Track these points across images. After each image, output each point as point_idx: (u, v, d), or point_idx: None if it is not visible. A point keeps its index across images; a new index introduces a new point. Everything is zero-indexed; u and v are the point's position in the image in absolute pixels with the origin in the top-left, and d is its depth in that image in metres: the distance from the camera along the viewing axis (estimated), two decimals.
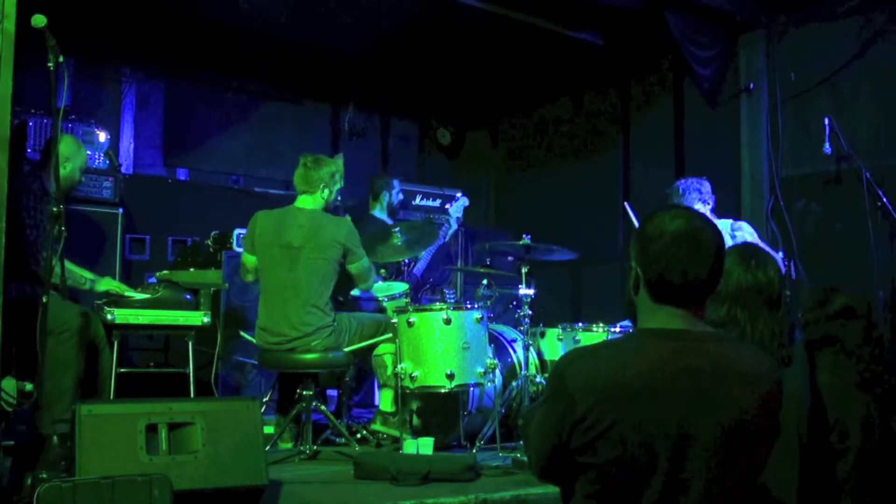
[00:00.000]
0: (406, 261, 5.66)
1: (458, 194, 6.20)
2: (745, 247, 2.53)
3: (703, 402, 1.62)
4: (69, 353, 3.68)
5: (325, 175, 4.44)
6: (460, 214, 6.00)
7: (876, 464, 2.34)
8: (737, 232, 5.09)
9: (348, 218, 4.56)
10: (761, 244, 4.67)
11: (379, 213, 6.06)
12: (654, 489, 1.59)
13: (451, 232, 5.83)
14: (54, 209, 3.17)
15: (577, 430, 1.61)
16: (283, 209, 4.50)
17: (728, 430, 1.62)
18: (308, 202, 4.45)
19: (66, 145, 4.19)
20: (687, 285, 1.69)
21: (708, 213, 5.02)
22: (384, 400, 4.68)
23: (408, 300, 5.03)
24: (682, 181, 5.30)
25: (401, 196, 6.20)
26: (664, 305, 1.71)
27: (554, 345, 4.99)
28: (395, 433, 4.49)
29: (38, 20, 3.04)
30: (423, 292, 5.87)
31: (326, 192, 4.46)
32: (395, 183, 6.14)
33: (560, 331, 4.96)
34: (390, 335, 4.47)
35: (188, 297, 4.45)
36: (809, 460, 2.25)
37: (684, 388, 1.61)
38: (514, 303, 5.42)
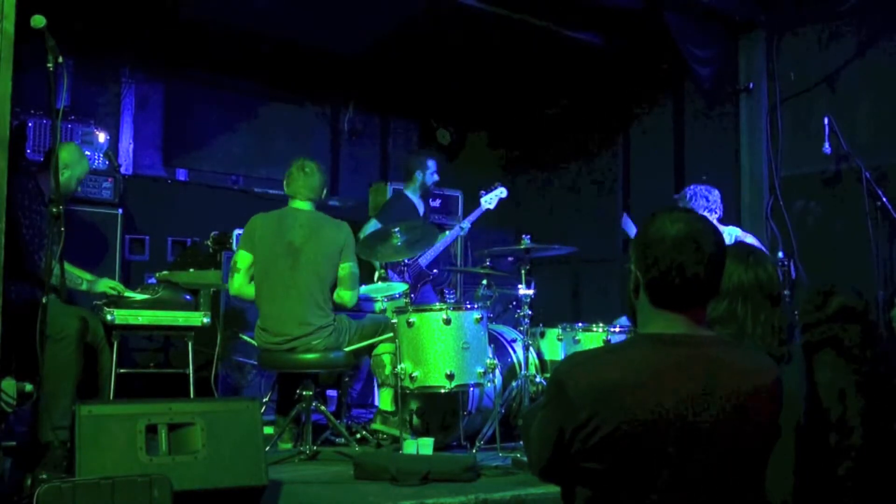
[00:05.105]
0: (406, 261, 5.66)
1: (498, 184, 6.00)
2: (739, 245, 2.53)
3: (704, 406, 1.61)
4: (68, 360, 3.66)
5: (324, 181, 4.53)
6: (492, 206, 5.90)
7: (876, 463, 2.34)
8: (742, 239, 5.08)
9: (346, 224, 4.56)
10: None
11: (411, 193, 6.10)
12: (656, 493, 1.59)
13: (475, 214, 5.84)
14: (54, 210, 3.16)
15: (578, 437, 1.60)
16: (281, 210, 4.51)
17: (730, 433, 1.62)
18: (305, 205, 4.47)
19: (68, 153, 4.18)
20: (687, 289, 1.67)
21: (713, 222, 4.97)
22: (384, 399, 4.69)
23: (408, 300, 5.04)
24: (691, 187, 5.30)
25: (436, 177, 6.14)
26: (664, 309, 1.70)
27: (554, 345, 4.98)
28: (395, 432, 4.50)
29: (38, 21, 3.04)
30: (424, 283, 5.86)
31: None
32: (430, 163, 6.10)
33: (560, 331, 4.95)
34: (391, 335, 4.48)
35: (188, 297, 4.45)
36: (806, 459, 2.25)
37: (685, 393, 1.61)
38: (514, 303, 5.42)
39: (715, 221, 5.04)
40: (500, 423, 4.43)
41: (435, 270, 5.99)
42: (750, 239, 5.18)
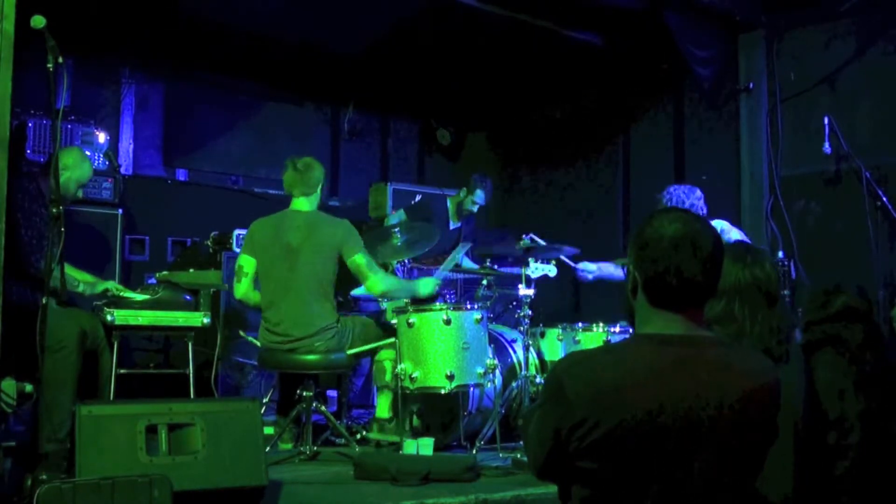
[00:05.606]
0: (407, 261, 5.65)
1: (553, 262, 5.14)
2: (737, 245, 2.52)
3: (702, 406, 1.61)
4: (66, 371, 3.64)
5: (320, 175, 4.52)
6: (534, 276, 5.06)
7: (874, 463, 2.34)
8: (725, 235, 5.04)
9: (345, 221, 4.55)
10: None
11: (450, 203, 6.27)
12: (652, 493, 1.59)
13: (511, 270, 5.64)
14: (53, 211, 3.16)
15: (575, 436, 1.60)
16: (279, 213, 4.52)
17: (727, 433, 1.62)
18: (304, 204, 4.47)
19: (69, 155, 4.17)
20: (684, 289, 1.67)
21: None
22: (381, 407, 4.68)
23: (408, 300, 5.02)
24: (668, 190, 5.19)
25: (474, 208, 6.22)
26: (662, 310, 1.70)
27: (554, 345, 4.98)
28: (394, 439, 4.49)
29: (38, 21, 3.04)
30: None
31: (320, 190, 4.54)
32: (479, 193, 6.13)
33: (560, 331, 4.96)
34: (393, 340, 4.47)
35: (188, 297, 4.45)
36: (805, 459, 2.25)
37: (682, 393, 1.60)
38: (514, 303, 5.42)
39: None
40: (501, 423, 4.43)
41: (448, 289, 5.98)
42: (736, 233, 5.15)
